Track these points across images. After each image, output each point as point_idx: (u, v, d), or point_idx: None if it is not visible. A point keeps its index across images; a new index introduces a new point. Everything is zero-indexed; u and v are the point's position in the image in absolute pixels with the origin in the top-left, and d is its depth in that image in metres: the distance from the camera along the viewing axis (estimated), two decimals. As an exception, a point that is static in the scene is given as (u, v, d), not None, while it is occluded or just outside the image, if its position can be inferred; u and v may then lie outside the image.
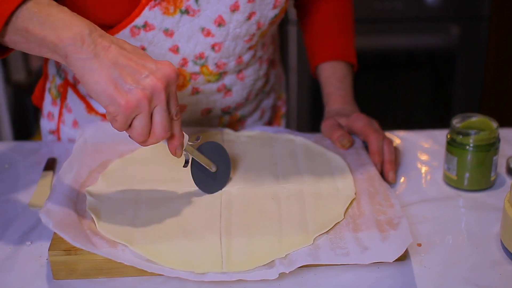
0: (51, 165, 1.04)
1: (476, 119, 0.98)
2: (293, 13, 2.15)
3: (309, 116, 2.42)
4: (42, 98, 1.22)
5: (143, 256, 0.77)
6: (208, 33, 0.98)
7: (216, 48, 1.00)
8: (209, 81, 1.05)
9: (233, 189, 0.91)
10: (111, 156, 0.99)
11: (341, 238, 0.80)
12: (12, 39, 0.75)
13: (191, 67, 1.02)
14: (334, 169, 0.96)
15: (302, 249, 0.78)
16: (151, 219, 0.84)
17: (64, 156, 1.07)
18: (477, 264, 0.80)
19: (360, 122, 1.04)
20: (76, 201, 0.87)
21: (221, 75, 1.05)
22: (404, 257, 0.81)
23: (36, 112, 2.51)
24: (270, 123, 1.28)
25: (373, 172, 0.95)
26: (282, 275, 0.76)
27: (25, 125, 2.71)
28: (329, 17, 1.18)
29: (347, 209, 0.86)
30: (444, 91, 2.42)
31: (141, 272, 0.77)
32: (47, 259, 0.81)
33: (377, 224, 0.82)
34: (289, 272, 0.76)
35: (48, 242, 0.84)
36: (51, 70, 1.17)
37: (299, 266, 0.76)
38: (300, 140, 1.05)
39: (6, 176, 1.02)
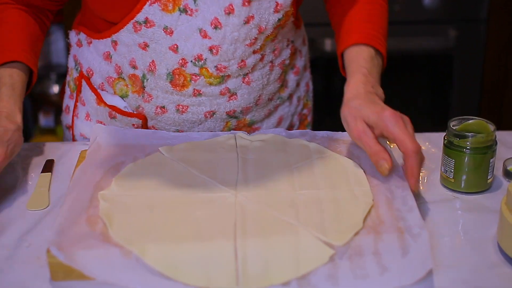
0: (49, 166, 1.04)
1: (473, 121, 0.98)
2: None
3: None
4: (64, 92, 1.24)
5: (156, 269, 0.76)
6: (205, 35, 0.98)
7: (214, 51, 1.00)
8: (210, 84, 1.04)
9: (249, 194, 0.89)
10: (125, 159, 0.99)
11: (360, 254, 0.78)
12: None
13: (190, 68, 1.02)
14: (350, 176, 0.94)
15: (320, 268, 0.76)
16: (165, 225, 0.83)
17: (62, 158, 1.08)
18: (474, 266, 0.81)
19: (396, 127, 0.89)
20: (89, 205, 0.87)
21: (223, 78, 1.04)
22: (401, 259, 0.80)
23: (35, 113, 2.50)
24: None
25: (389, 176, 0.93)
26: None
27: (24, 127, 2.70)
28: (360, 9, 1.09)
29: (365, 216, 0.85)
30: (442, 94, 2.43)
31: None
32: (45, 260, 0.81)
33: (397, 233, 0.81)
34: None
35: (46, 243, 0.84)
36: (70, 63, 1.19)
37: None
38: (314, 146, 1.02)
39: (4, 178, 1.02)
